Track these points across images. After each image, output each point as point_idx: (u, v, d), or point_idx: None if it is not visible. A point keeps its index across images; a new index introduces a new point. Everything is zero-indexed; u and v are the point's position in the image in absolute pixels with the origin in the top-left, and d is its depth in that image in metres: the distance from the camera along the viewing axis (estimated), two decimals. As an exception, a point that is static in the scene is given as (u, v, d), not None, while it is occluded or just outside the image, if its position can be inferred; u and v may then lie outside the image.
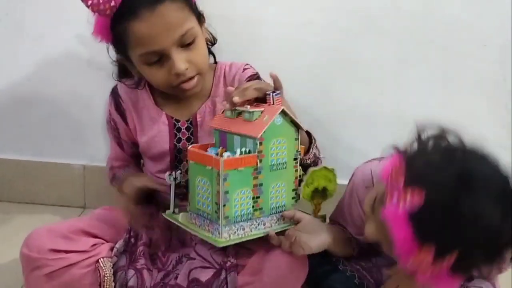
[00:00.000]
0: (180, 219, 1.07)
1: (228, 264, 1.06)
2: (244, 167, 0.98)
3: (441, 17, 1.38)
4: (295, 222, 1.05)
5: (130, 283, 1.07)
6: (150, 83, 1.18)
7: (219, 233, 0.97)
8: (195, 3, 1.14)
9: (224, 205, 0.96)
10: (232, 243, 0.99)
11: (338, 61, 1.44)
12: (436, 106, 1.45)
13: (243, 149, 0.99)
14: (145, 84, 1.22)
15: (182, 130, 1.22)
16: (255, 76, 1.23)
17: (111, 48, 1.18)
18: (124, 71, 1.22)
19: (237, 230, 0.99)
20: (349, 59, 1.44)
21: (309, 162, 1.11)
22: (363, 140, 1.50)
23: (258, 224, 1.03)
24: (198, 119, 1.21)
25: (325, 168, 1.09)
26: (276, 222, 1.05)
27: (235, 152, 0.99)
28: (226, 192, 0.96)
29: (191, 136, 1.22)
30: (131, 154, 1.30)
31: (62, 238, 1.08)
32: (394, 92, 1.46)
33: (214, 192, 0.98)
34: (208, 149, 1.03)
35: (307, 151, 1.11)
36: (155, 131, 1.21)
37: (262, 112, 1.01)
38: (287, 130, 1.03)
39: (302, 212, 1.07)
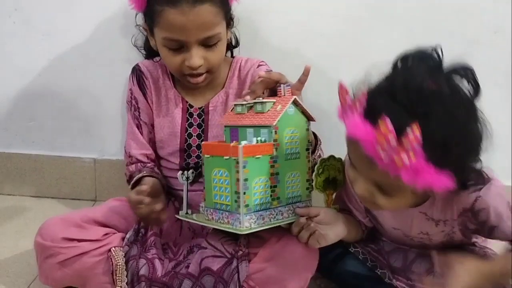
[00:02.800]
0: (195, 217, 1.08)
1: (240, 253, 1.06)
2: (262, 155, 0.99)
3: (451, 3, 1.37)
4: (312, 217, 1.04)
5: (142, 272, 1.08)
6: (164, 63, 1.24)
7: (240, 222, 0.97)
8: (230, 9, 1.21)
9: (244, 193, 0.97)
10: (254, 230, 0.99)
11: (346, 50, 1.43)
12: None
13: (258, 139, 1.00)
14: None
15: (194, 116, 1.26)
16: None
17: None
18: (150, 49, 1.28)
19: (257, 219, 0.99)
20: (358, 48, 1.43)
21: (314, 162, 1.12)
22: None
23: (277, 214, 1.03)
24: (210, 108, 1.26)
25: (333, 157, 1.10)
26: (293, 212, 1.05)
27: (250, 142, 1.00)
28: (246, 180, 0.97)
29: (202, 123, 1.26)
30: (150, 140, 1.30)
31: (75, 227, 1.11)
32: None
33: (233, 182, 0.98)
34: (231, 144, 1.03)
35: (313, 151, 1.12)
36: (169, 111, 1.26)
37: (274, 103, 1.03)
38: (299, 120, 1.06)
39: (316, 207, 1.07)
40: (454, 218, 1.00)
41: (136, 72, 1.29)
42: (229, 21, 1.22)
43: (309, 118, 1.07)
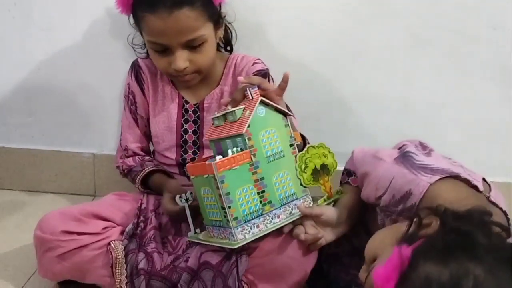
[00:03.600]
0: (202, 237, 1.08)
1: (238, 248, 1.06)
2: (239, 165, 0.98)
3: (452, 1, 1.37)
4: (316, 217, 1.03)
5: (141, 265, 1.09)
6: None
7: (233, 236, 0.97)
8: (217, 9, 1.19)
9: (229, 207, 0.96)
10: (248, 241, 0.98)
11: (347, 46, 1.43)
12: (446, 91, 1.44)
13: (235, 149, 0.99)
14: None
15: (190, 112, 1.27)
16: (263, 72, 1.24)
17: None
18: None
19: (251, 228, 0.99)
20: (358, 44, 1.43)
21: None
22: (371, 125, 1.49)
23: (272, 218, 1.02)
24: (206, 104, 1.26)
25: (312, 147, 1.07)
26: (290, 213, 1.04)
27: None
28: (228, 194, 0.96)
29: (197, 119, 1.27)
30: (145, 133, 1.32)
31: (74, 220, 1.11)
32: (403, 77, 1.45)
33: (217, 198, 0.98)
34: (207, 161, 1.02)
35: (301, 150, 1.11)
36: (165, 106, 1.27)
37: (244, 109, 1.01)
38: (274, 119, 1.03)
39: (320, 207, 1.05)
40: None
41: (135, 67, 1.29)
42: (218, 20, 1.20)
43: (285, 114, 1.05)
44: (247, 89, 1.02)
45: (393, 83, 1.45)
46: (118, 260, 1.09)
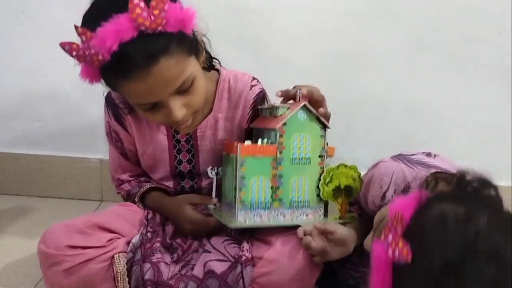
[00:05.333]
0: (214, 211, 1.14)
1: (244, 258, 1.06)
2: (263, 156, 1.03)
3: (456, 4, 1.37)
4: (327, 233, 1.03)
5: (147, 276, 1.07)
6: None
7: (235, 216, 1.02)
8: (192, 37, 1.01)
9: (240, 189, 1.02)
10: (246, 227, 1.04)
11: (351, 49, 1.44)
12: (449, 93, 1.44)
13: (265, 140, 1.05)
14: None
15: (182, 142, 1.21)
16: (261, 94, 1.19)
17: None
18: None
19: (254, 216, 1.04)
20: (362, 47, 1.43)
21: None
22: (377, 128, 1.49)
23: (277, 215, 1.06)
24: (199, 133, 1.19)
25: (344, 165, 1.09)
26: (297, 217, 1.07)
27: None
28: (243, 177, 1.02)
29: (191, 148, 1.21)
30: (136, 162, 1.26)
31: (78, 233, 1.08)
32: (408, 80, 1.45)
33: (234, 177, 1.03)
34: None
35: None
36: (153, 139, 1.20)
37: (288, 108, 1.06)
38: (312, 126, 1.07)
39: (335, 225, 1.04)
40: None
41: (111, 106, 1.18)
42: (197, 49, 1.04)
43: (324, 125, 1.09)
44: (298, 91, 1.06)
45: (397, 85, 1.45)
46: (119, 274, 1.07)
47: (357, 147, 1.40)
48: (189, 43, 0.99)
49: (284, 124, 1.03)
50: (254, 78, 1.19)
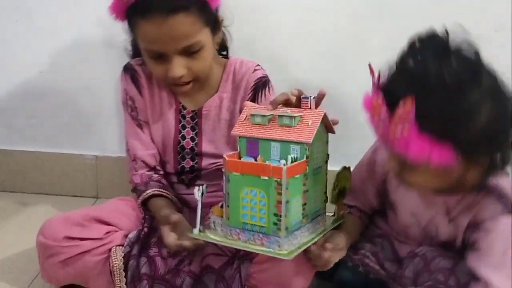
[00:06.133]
0: (213, 236, 0.98)
1: (241, 253, 1.06)
2: (299, 174, 0.94)
3: (453, 1, 1.37)
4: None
5: (143, 270, 1.08)
6: None
7: (279, 246, 0.91)
8: (214, 13, 1.14)
9: (286, 215, 0.91)
10: (296, 254, 0.92)
11: (349, 47, 1.44)
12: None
13: (291, 156, 0.94)
14: None
15: (187, 118, 1.24)
16: (264, 79, 1.23)
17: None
18: (137, 48, 1.24)
19: (293, 240, 0.94)
20: (358, 45, 1.43)
21: None
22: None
23: (304, 231, 0.98)
24: (204, 111, 1.24)
25: (345, 167, 1.08)
26: (314, 228, 1.01)
27: (278, 160, 0.93)
28: (287, 202, 0.91)
29: (195, 126, 1.25)
30: (152, 139, 1.26)
31: (76, 225, 1.10)
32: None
33: (272, 203, 0.91)
34: (242, 158, 0.96)
35: None
36: (163, 111, 1.24)
37: (301, 116, 0.96)
38: (322, 133, 1.01)
39: (333, 238, 1.04)
40: (464, 226, 1.01)
41: (129, 71, 1.25)
42: (215, 25, 1.16)
43: (329, 130, 1.03)
44: (309, 97, 0.98)
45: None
46: (115, 268, 1.08)
47: (354, 145, 1.39)
48: (209, 16, 1.11)
49: None
50: (259, 65, 1.25)
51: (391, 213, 1.14)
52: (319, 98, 1.02)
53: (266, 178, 0.90)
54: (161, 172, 1.26)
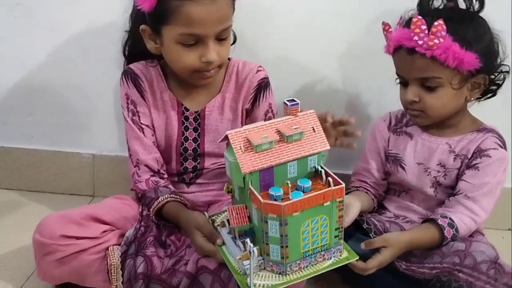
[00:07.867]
0: (271, 282, 0.94)
1: None
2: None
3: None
4: None
5: (139, 269, 1.08)
6: (171, 63, 1.18)
7: (340, 252, 0.98)
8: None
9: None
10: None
11: (350, 50, 1.44)
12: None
13: (310, 165, 0.96)
14: (158, 66, 1.25)
15: (190, 120, 1.25)
16: (266, 80, 1.25)
17: (126, 18, 1.23)
18: (135, 44, 1.25)
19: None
20: (360, 47, 1.43)
21: None
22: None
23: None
24: (207, 112, 1.25)
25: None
26: None
27: (296, 177, 0.94)
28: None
29: (198, 127, 1.25)
30: (154, 143, 1.25)
31: (73, 224, 1.10)
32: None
33: (334, 221, 0.94)
34: (269, 192, 0.91)
35: None
36: (166, 114, 1.25)
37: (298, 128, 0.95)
38: None
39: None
40: (468, 157, 1.17)
41: (131, 75, 1.23)
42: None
43: None
44: (287, 102, 0.96)
45: (395, 86, 1.45)
46: (113, 266, 1.08)
47: (353, 151, 1.39)
48: (234, 4, 1.15)
49: None
50: (261, 66, 1.27)
51: (400, 168, 1.24)
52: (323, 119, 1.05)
53: (328, 203, 0.92)
54: (166, 176, 1.25)
